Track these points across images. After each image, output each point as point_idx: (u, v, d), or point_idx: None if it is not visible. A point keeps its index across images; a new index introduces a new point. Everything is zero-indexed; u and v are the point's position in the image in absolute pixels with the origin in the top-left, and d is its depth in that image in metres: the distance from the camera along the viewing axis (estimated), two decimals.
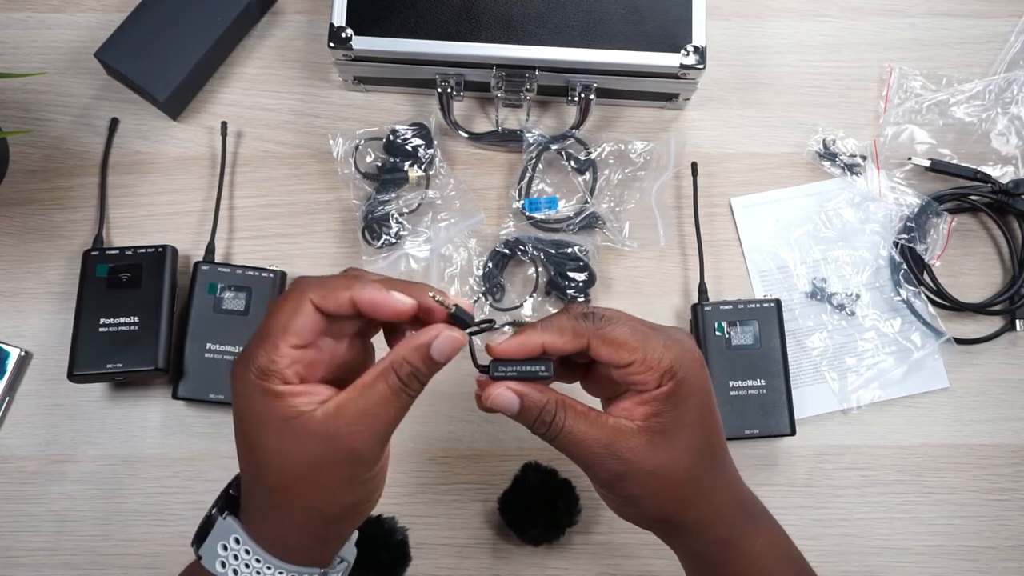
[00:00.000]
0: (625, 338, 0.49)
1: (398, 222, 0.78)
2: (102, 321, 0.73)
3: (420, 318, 0.48)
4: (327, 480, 0.48)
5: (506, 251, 0.78)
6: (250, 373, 0.46)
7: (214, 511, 0.51)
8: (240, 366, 0.47)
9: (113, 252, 0.76)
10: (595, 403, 0.54)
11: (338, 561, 0.53)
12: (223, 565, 0.49)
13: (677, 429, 0.50)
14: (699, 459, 0.51)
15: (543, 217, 0.79)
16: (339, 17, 0.76)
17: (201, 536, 0.50)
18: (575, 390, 0.55)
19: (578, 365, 0.54)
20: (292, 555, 0.49)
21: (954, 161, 0.82)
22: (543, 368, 0.50)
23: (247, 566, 0.48)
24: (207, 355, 0.74)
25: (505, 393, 0.50)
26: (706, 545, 0.54)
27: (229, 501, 0.51)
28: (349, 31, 0.76)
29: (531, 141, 0.79)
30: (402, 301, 0.47)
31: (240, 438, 0.49)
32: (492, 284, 0.78)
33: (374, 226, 0.78)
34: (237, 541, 0.49)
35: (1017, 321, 0.80)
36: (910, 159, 0.82)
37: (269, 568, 0.49)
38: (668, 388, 0.49)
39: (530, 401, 0.50)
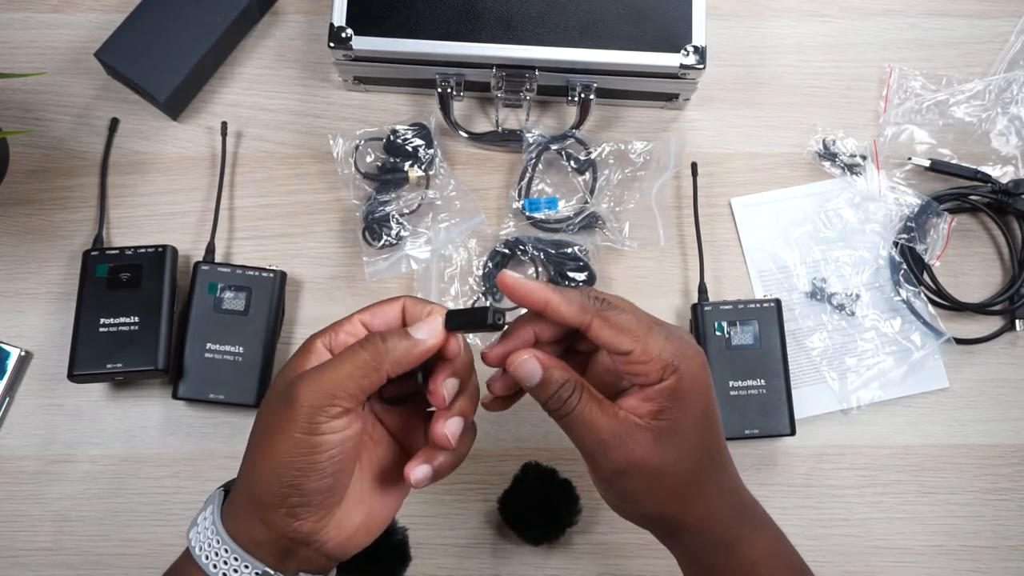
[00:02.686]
0: (628, 325, 0.49)
1: (398, 223, 0.78)
2: (102, 321, 0.73)
3: None
4: (273, 430, 0.47)
5: (506, 251, 0.78)
6: (319, 332, 0.51)
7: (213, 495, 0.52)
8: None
9: (113, 252, 0.76)
10: None
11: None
12: (195, 530, 0.50)
13: (681, 428, 0.50)
14: (701, 459, 0.51)
15: (543, 217, 0.79)
16: (339, 17, 0.76)
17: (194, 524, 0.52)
18: None
19: (577, 358, 0.54)
20: (239, 535, 0.49)
21: (954, 161, 0.82)
22: (485, 311, 0.49)
23: (205, 536, 0.49)
24: (207, 355, 0.74)
25: (530, 362, 0.49)
26: (704, 547, 0.53)
27: (225, 491, 0.52)
28: (349, 31, 0.76)
29: (531, 141, 0.79)
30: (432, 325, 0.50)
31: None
32: (492, 284, 0.78)
33: (374, 227, 0.78)
34: (212, 512, 0.50)
35: (1017, 321, 0.80)
36: (910, 159, 0.82)
37: (218, 542, 0.49)
38: (671, 383, 0.49)
39: (551, 375, 0.49)
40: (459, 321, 0.49)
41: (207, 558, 0.49)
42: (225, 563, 0.48)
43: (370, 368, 0.47)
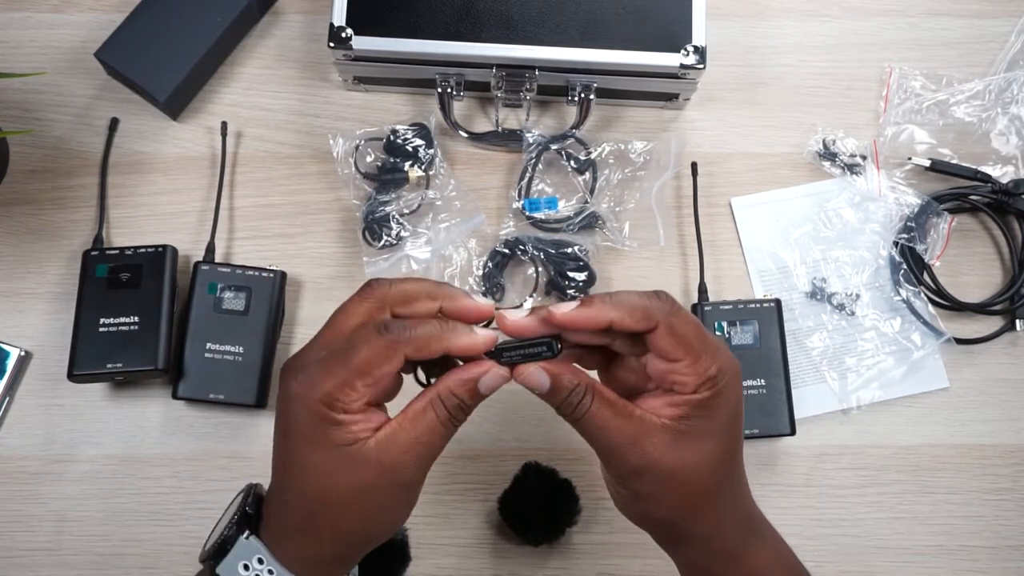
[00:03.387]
0: (688, 334, 0.48)
1: (398, 223, 0.78)
2: (102, 321, 0.73)
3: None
4: (373, 506, 0.48)
5: (506, 251, 0.78)
6: (312, 396, 0.46)
7: (233, 530, 0.50)
8: (300, 383, 0.46)
9: (113, 252, 0.76)
10: None
11: None
12: None
13: (703, 436, 0.49)
14: (717, 470, 0.51)
15: (543, 217, 0.79)
16: (339, 17, 0.76)
17: (219, 554, 0.50)
18: None
19: (600, 355, 0.53)
20: (313, 574, 0.49)
21: (954, 161, 0.82)
22: (545, 349, 0.49)
23: None
24: (207, 355, 0.74)
25: (537, 372, 0.49)
26: (709, 556, 0.53)
27: (246, 519, 0.50)
28: (349, 31, 0.76)
29: (531, 141, 0.79)
30: (487, 338, 0.48)
31: (283, 455, 0.49)
32: (492, 284, 0.78)
33: (374, 227, 0.78)
34: (260, 561, 0.49)
35: (1017, 321, 0.80)
36: (910, 159, 0.82)
37: None
38: (704, 396, 0.48)
39: (560, 382, 0.49)
40: (515, 355, 0.49)
41: None
42: None
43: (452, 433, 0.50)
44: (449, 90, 0.80)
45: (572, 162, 0.80)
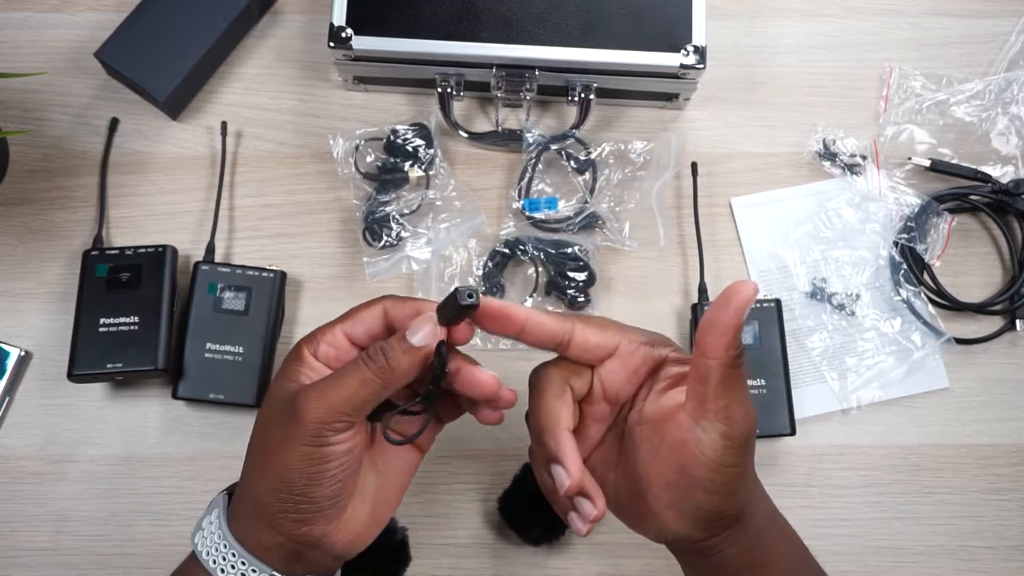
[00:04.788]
0: (606, 323, 0.53)
1: (399, 223, 0.78)
2: (102, 321, 0.73)
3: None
4: (278, 442, 0.48)
5: (506, 251, 0.78)
6: (301, 341, 0.52)
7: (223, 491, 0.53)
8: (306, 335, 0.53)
9: (113, 252, 0.76)
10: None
11: None
12: (200, 534, 0.51)
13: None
14: None
15: (543, 217, 0.79)
16: (339, 17, 0.76)
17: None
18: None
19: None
20: (245, 539, 0.50)
21: (954, 161, 0.82)
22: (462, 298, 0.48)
23: (212, 541, 0.51)
24: (207, 355, 0.74)
25: (744, 292, 0.49)
26: (762, 526, 0.54)
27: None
28: (349, 31, 0.76)
29: (531, 141, 0.79)
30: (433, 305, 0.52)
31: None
32: (492, 284, 0.78)
33: (375, 227, 0.78)
34: (217, 517, 0.51)
35: (1017, 321, 0.80)
36: (910, 159, 0.82)
37: (225, 546, 0.50)
38: (673, 350, 0.52)
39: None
40: (445, 315, 0.50)
41: (215, 562, 0.49)
42: (233, 567, 0.49)
43: (376, 386, 0.48)
44: (449, 90, 0.80)
45: (572, 162, 0.80)
